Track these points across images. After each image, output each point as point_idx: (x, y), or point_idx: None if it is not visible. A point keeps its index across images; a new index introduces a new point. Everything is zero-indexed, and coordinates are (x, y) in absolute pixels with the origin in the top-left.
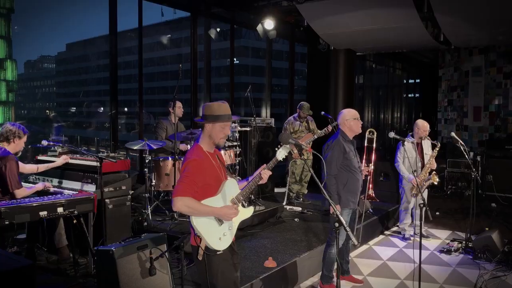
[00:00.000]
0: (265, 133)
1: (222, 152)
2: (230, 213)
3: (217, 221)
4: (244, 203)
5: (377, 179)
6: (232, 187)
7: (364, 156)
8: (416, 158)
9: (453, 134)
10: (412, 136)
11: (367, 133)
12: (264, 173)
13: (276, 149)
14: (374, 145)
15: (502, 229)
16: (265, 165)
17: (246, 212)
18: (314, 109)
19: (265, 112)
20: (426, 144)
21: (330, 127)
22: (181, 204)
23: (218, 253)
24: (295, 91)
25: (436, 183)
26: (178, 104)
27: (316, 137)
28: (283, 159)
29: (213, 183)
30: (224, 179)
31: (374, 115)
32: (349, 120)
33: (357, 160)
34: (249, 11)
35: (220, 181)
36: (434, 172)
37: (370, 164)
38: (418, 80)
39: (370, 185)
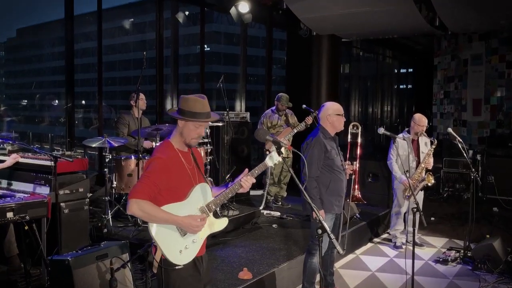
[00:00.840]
0: (240, 128)
1: None
2: (194, 225)
3: (179, 231)
4: (218, 212)
5: (364, 180)
6: (203, 193)
7: (348, 153)
8: (409, 157)
9: (450, 130)
10: (408, 131)
11: (350, 127)
12: (246, 180)
13: (267, 152)
14: (359, 140)
15: (504, 237)
16: (247, 170)
17: (218, 224)
18: (294, 102)
19: (240, 105)
20: (423, 141)
21: (310, 119)
22: (136, 207)
23: (177, 267)
24: (273, 82)
25: (430, 184)
26: (142, 96)
27: (295, 131)
28: (274, 164)
29: (179, 186)
30: (196, 183)
31: (361, 109)
32: (332, 115)
33: (340, 159)
34: None
35: (190, 185)
36: (429, 172)
37: (355, 162)
38: (410, 70)
39: (356, 186)
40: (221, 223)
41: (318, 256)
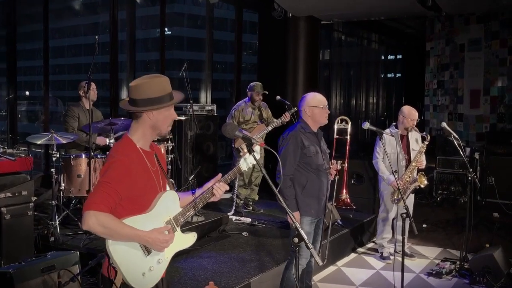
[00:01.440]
0: (206, 123)
1: None
2: (162, 241)
3: (143, 249)
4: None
5: (347, 181)
6: (170, 203)
7: (334, 152)
8: (399, 155)
9: (444, 125)
10: (396, 126)
11: (337, 122)
12: (219, 187)
13: (241, 154)
14: (348, 137)
15: (506, 246)
16: (220, 175)
17: (186, 240)
18: (268, 94)
19: (205, 96)
20: (414, 137)
21: (288, 115)
22: (94, 221)
23: None
24: (243, 70)
25: (423, 185)
26: (93, 86)
27: (270, 128)
28: (248, 167)
29: (144, 194)
30: (160, 190)
31: (343, 101)
32: (313, 107)
33: (322, 157)
34: None
35: (155, 192)
36: (421, 172)
37: (339, 162)
38: (399, 56)
39: (344, 189)
40: (189, 239)
41: (295, 269)
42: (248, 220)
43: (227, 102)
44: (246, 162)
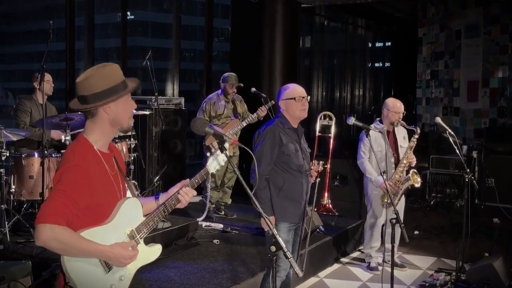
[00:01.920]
0: (173, 118)
1: None
2: (125, 256)
3: (103, 266)
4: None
5: (330, 183)
6: (132, 211)
7: (316, 150)
8: (387, 153)
9: (438, 120)
10: (381, 122)
11: (319, 118)
12: (185, 193)
13: (208, 154)
14: (332, 134)
15: (507, 255)
16: (187, 180)
17: (150, 254)
18: (242, 86)
19: (172, 88)
20: (401, 132)
21: (264, 109)
22: (49, 236)
23: None
24: (214, 59)
25: (418, 185)
26: (47, 77)
27: (244, 124)
28: (216, 169)
29: (104, 203)
30: (121, 197)
31: (326, 93)
32: (287, 100)
33: (302, 156)
34: None
35: (115, 199)
36: (413, 170)
37: (321, 162)
38: (388, 44)
39: (326, 193)
40: (154, 252)
41: (272, 281)
42: (220, 226)
43: (196, 95)
44: (217, 161)
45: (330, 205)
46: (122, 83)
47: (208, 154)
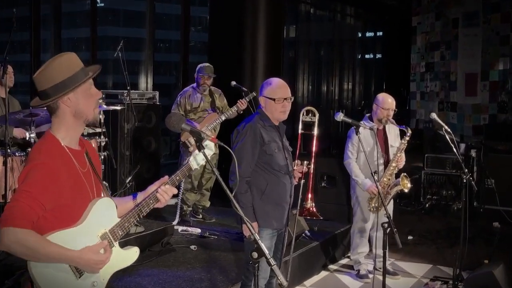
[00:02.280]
0: (146, 114)
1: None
2: (96, 262)
3: (73, 271)
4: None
5: (316, 185)
6: (105, 211)
7: (298, 149)
8: (377, 153)
9: (434, 116)
10: (371, 118)
11: (302, 114)
12: (165, 191)
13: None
14: (315, 132)
15: (509, 262)
16: (166, 177)
17: (126, 258)
18: (221, 79)
19: (146, 82)
20: (392, 130)
21: (244, 102)
22: (12, 240)
23: None
24: (191, 50)
25: (407, 190)
26: (10, 69)
27: (223, 118)
28: (200, 165)
29: (73, 203)
30: (94, 197)
31: (312, 87)
32: (268, 99)
33: (285, 156)
34: None
35: (87, 199)
36: (404, 174)
37: (305, 162)
38: (380, 33)
39: (309, 195)
40: (130, 256)
41: None
42: (198, 231)
43: (172, 89)
44: (197, 160)
45: (314, 209)
46: (81, 71)
47: (190, 151)
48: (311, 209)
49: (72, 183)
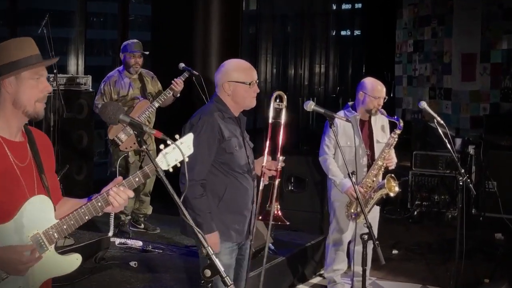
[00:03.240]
0: (76, 103)
1: None
2: (17, 262)
3: None
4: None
5: (283, 188)
6: (38, 211)
7: (269, 142)
8: (358, 150)
9: (424, 105)
10: (354, 108)
11: (274, 100)
12: (117, 193)
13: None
14: (283, 120)
15: None
16: (120, 178)
17: (63, 264)
18: (167, 60)
19: (76, 64)
20: (379, 122)
21: (179, 82)
22: None
23: None
24: (131, 25)
25: (393, 194)
26: None
27: (156, 105)
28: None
29: (4, 200)
30: (34, 193)
31: (276, 70)
32: (236, 83)
33: (247, 154)
34: None
35: (22, 196)
36: (390, 175)
37: (281, 158)
38: (358, 6)
39: (274, 196)
40: (69, 263)
41: None
42: (139, 243)
43: (107, 72)
44: (167, 159)
45: (280, 212)
46: (34, 57)
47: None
48: (276, 213)
49: (6, 177)
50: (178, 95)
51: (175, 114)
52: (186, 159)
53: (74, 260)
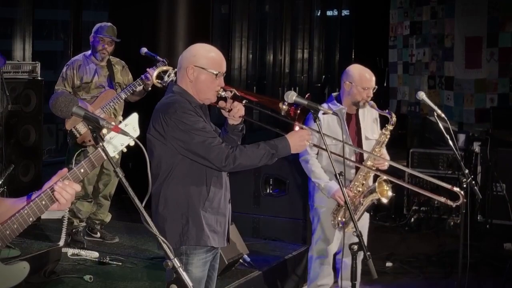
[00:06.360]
0: (22, 93)
1: None
2: None
3: None
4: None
5: (259, 191)
6: None
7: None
8: (344, 147)
9: (422, 95)
10: (339, 100)
11: (154, 77)
12: (63, 188)
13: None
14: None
15: None
16: (66, 169)
17: (10, 275)
18: (127, 45)
19: (23, 49)
20: (368, 116)
21: (152, 72)
22: None
23: None
24: (85, 5)
25: (386, 200)
26: None
27: (123, 96)
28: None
29: None
30: None
31: (252, 55)
32: (200, 69)
33: None
34: None
35: None
36: (383, 177)
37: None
38: None
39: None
40: (15, 273)
41: None
42: (94, 255)
43: (59, 58)
44: (114, 144)
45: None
46: None
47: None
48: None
49: None
50: (150, 88)
51: (144, 109)
52: (132, 143)
53: (21, 269)
